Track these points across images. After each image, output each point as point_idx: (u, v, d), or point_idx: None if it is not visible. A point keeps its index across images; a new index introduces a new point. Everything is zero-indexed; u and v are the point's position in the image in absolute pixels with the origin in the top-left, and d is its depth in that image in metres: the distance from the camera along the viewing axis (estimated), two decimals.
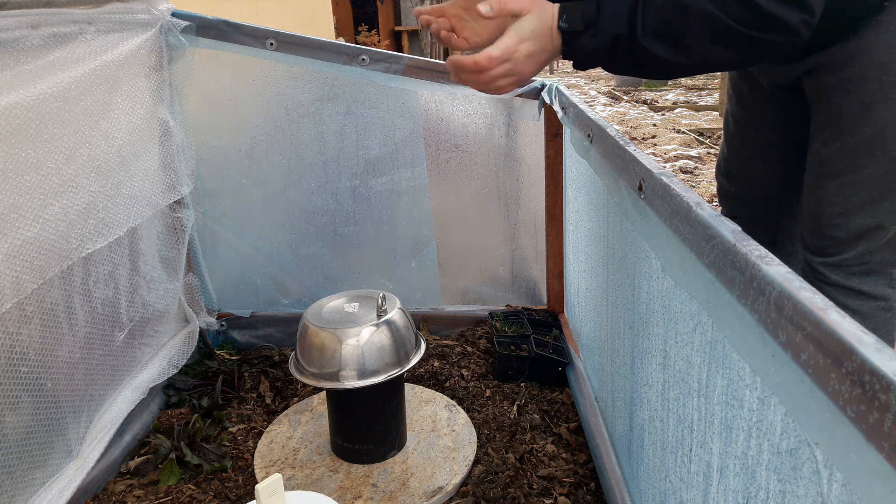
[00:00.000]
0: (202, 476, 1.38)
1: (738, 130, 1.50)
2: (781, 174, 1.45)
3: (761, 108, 1.42)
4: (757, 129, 1.45)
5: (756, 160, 1.49)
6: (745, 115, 1.47)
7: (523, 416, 1.53)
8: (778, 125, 1.41)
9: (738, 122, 1.49)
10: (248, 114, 1.76)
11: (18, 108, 1.08)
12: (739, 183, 1.54)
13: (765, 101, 1.41)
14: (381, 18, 12.52)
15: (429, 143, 1.79)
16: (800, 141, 1.34)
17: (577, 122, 1.42)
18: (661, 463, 0.92)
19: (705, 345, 0.71)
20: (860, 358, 0.39)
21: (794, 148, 1.38)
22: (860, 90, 1.13)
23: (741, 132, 1.49)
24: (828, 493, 0.46)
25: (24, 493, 1.16)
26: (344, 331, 1.27)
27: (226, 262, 1.92)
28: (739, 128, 1.49)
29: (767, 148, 1.45)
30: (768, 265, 0.53)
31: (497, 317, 1.86)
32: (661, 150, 5.27)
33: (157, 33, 1.56)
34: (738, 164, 1.54)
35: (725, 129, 1.56)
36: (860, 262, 1.22)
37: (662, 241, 0.83)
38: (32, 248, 1.12)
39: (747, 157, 1.50)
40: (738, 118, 1.49)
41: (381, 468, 1.37)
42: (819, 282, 1.27)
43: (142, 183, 1.49)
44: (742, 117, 1.48)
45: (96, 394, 1.38)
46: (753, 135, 1.47)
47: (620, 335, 1.16)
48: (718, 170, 1.60)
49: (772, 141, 1.44)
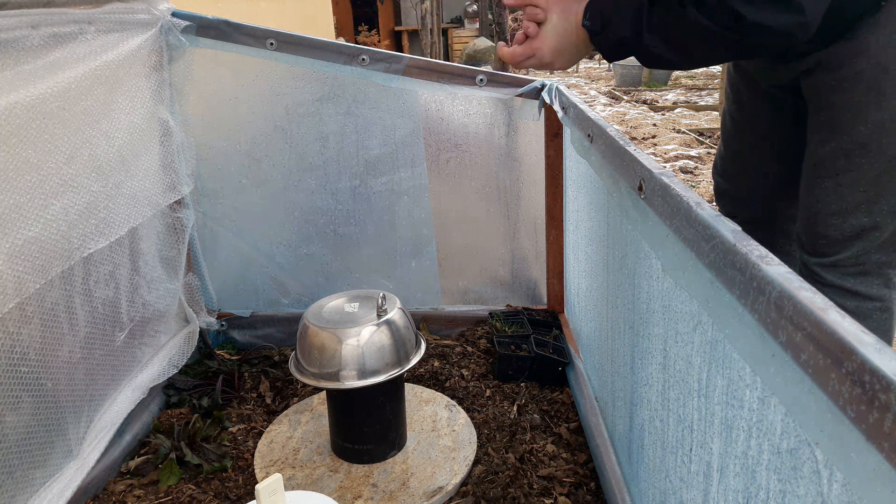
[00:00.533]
0: (202, 476, 1.38)
1: (735, 130, 1.50)
2: (778, 174, 1.45)
3: (759, 107, 1.42)
4: (754, 128, 1.45)
5: (753, 160, 1.49)
6: (743, 114, 1.47)
7: (523, 416, 1.53)
8: (775, 125, 1.41)
9: (735, 121, 1.49)
10: (248, 114, 1.76)
11: (19, 108, 1.08)
12: (737, 183, 1.54)
13: (762, 101, 1.41)
14: (381, 18, 12.52)
15: (429, 143, 1.79)
16: (797, 141, 1.33)
17: (577, 122, 1.42)
18: (662, 463, 0.92)
19: (705, 345, 0.71)
20: (860, 358, 0.39)
21: (792, 148, 1.37)
22: (856, 89, 1.13)
23: (739, 132, 1.49)
24: (828, 493, 0.46)
25: (24, 493, 1.16)
26: (344, 331, 1.27)
27: (226, 262, 1.92)
28: (737, 127, 1.49)
29: (765, 148, 1.45)
30: (768, 265, 0.53)
31: (497, 317, 1.86)
32: (661, 150, 5.27)
33: (157, 33, 1.56)
34: (735, 164, 1.54)
35: (723, 129, 1.56)
36: (855, 263, 1.22)
37: (662, 241, 0.83)
38: (34, 248, 1.12)
39: (745, 157, 1.50)
40: (735, 118, 1.49)
41: (382, 468, 1.37)
42: (815, 283, 1.26)
43: (142, 183, 1.49)
44: (740, 117, 1.48)
45: (96, 394, 1.38)
46: (751, 134, 1.47)
47: (620, 335, 1.16)
48: (715, 169, 1.60)
49: (769, 141, 1.44)
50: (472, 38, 12.00)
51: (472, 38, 12.25)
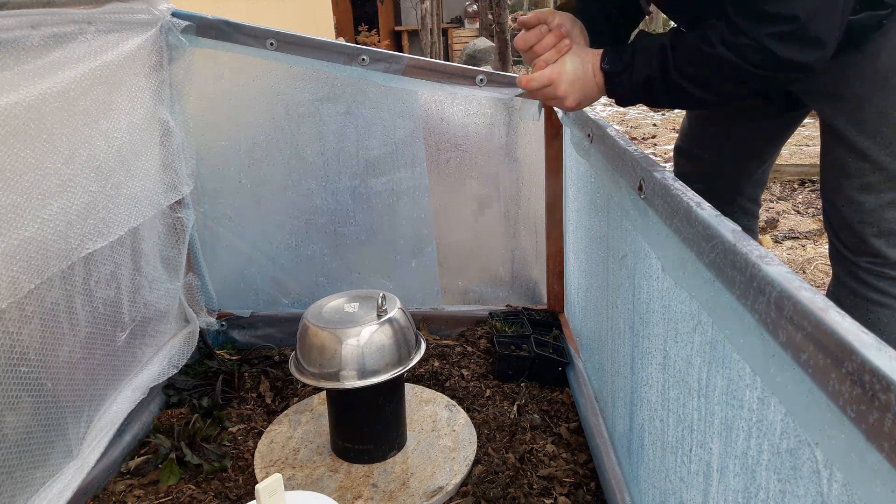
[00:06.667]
0: (202, 476, 1.38)
1: (709, 111, 1.51)
2: (748, 156, 1.50)
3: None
4: (728, 111, 1.46)
5: (723, 142, 1.51)
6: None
7: (523, 416, 1.53)
8: (755, 110, 1.42)
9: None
10: (248, 114, 1.76)
11: (18, 108, 1.08)
12: (701, 162, 1.57)
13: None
14: (381, 18, 12.52)
15: (429, 143, 1.79)
16: (773, 126, 1.38)
17: (577, 122, 1.42)
18: (662, 463, 0.92)
19: (705, 345, 0.71)
20: (860, 358, 0.39)
21: (764, 132, 1.42)
22: (870, 98, 1.15)
23: (711, 111, 1.50)
24: (828, 493, 0.46)
25: (24, 493, 1.16)
26: (344, 331, 1.27)
27: (226, 262, 1.92)
28: (712, 110, 1.50)
29: (738, 131, 1.47)
30: (768, 265, 0.53)
31: (497, 317, 1.86)
32: (661, 150, 5.27)
33: (157, 33, 1.56)
34: (702, 146, 1.56)
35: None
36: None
37: (662, 241, 0.83)
38: (31, 248, 1.12)
39: (714, 139, 1.53)
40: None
41: (381, 468, 1.37)
42: (861, 285, 1.25)
43: (142, 183, 1.49)
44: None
45: (96, 394, 1.38)
46: (722, 118, 1.49)
47: (620, 335, 1.16)
48: (678, 150, 1.62)
49: (744, 123, 1.46)
50: (472, 38, 12.00)
51: (472, 38, 12.25)
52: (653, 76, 1.08)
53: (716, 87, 1.07)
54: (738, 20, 0.98)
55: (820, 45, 0.97)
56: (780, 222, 3.43)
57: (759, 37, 0.96)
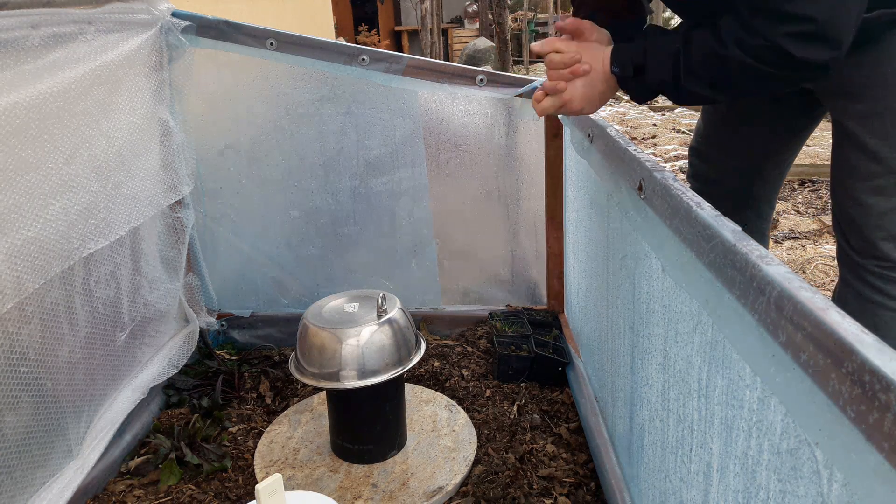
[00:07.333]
0: (202, 476, 1.38)
1: (723, 111, 1.50)
2: (764, 159, 1.47)
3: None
4: (746, 113, 1.45)
5: (738, 143, 1.49)
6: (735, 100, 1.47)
7: (523, 416, 1.53)
8: (769, 114, 1.41)
9: (725, 105, 1.49)
10: (248, 114, 1.76)
11: (19, 108, 1.08)
12: (716, 165, 1.55)
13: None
14: (381, 18, 12.53)
15: (429, 143, 1.79)
16: (788, 128, 1.37)
17: (577, 122, 1.42)
18: (662, 463, 0.92)
19: (705, 345, 0.71)
20: (860, 358, 0.39)
21: (779, 135, 1.40)
22: (883, 98, 1.15)
23: (726, 113, 1.49)
24: (828, 493, 0.46)
25: (24, 493, 1.16)
26: (344, 331, 1.27)
27: (226, 262, 1.92)
28: (726, 109, 1.49)
29: (753, 133, 1.46)
30: (768, 265, 0.53)
31: (497, 317, 1.86)
32: (661, 150, 5.27)
33: (157, 33, 1.56)
34: (717, 147, 1.54)
35: (706, 109, 1.55)
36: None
37: (662, 241, 0.83)
38: (33, 248, 1.12)
39: (729, 140, 1.51)
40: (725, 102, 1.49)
41: (381, 468, 1.37)
42: (869, 289, 1.24)
43: (142, 183, 1.49)
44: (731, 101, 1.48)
45: (96, 394, 1.38)
46: (736, 120, 1.47)
47: (620, 335, 1.16)
48: (693, 151, 1.60)
49: (760, 125, 1.44)
50: (472, 38, 12.01)
51: (472, 38, 12.26)
52: (666, 80, 1.08)
53: (730, 88, 1.07)
54: (754, 20, 0.97)
55: (836, 45, 0.96)
56: (780, 222, 3.44)
57: (776, 37, 0.95)
